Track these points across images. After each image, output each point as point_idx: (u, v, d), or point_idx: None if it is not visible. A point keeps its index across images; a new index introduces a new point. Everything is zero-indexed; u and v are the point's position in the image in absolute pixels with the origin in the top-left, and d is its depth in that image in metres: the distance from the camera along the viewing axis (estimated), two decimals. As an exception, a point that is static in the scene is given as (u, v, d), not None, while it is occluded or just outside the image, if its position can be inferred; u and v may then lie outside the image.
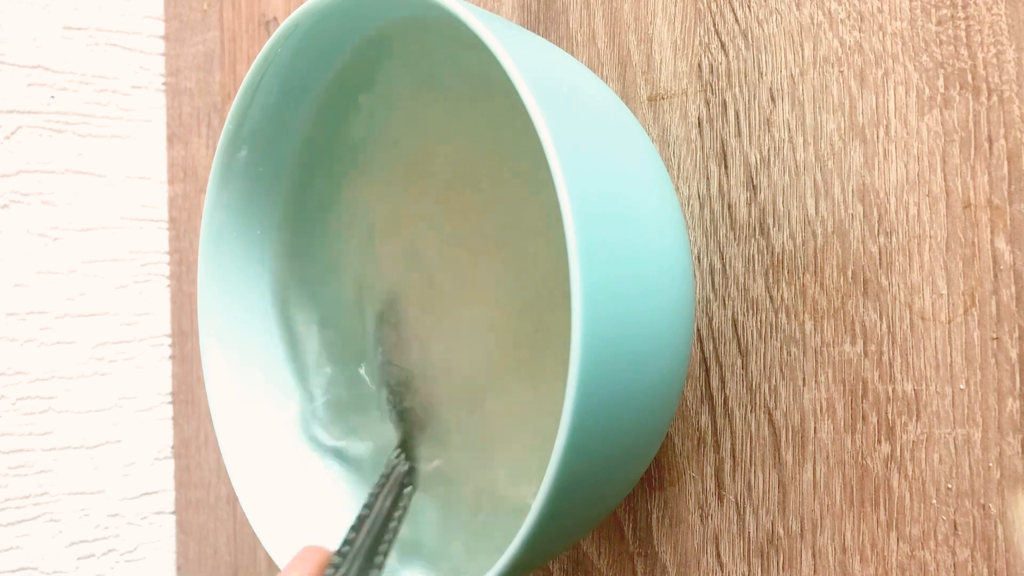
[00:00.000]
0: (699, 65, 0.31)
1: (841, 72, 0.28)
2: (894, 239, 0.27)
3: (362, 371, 0.37)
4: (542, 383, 0.32)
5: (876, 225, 0.27)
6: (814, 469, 0.28)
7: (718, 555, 0.31)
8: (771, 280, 0.29)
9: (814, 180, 0.29)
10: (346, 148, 0.36)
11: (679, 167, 0.32)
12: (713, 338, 0.31)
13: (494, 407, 0.34)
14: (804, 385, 0.29)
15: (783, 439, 0.29)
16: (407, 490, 0.33)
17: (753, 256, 0.30)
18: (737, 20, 0.30)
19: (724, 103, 0.31)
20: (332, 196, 0.36)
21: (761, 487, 0.30)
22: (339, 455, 0.36)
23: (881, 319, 0.27)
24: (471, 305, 0.35)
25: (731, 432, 0.30)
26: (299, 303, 0.37)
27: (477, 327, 0.34)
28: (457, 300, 0.35)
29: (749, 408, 0.30)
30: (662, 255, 0.26)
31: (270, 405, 0.36)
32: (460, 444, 0.34)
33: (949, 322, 0.26)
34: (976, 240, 0.25)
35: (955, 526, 0.26)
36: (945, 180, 0.26)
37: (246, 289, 0.35)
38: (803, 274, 0.29)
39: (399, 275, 0.38)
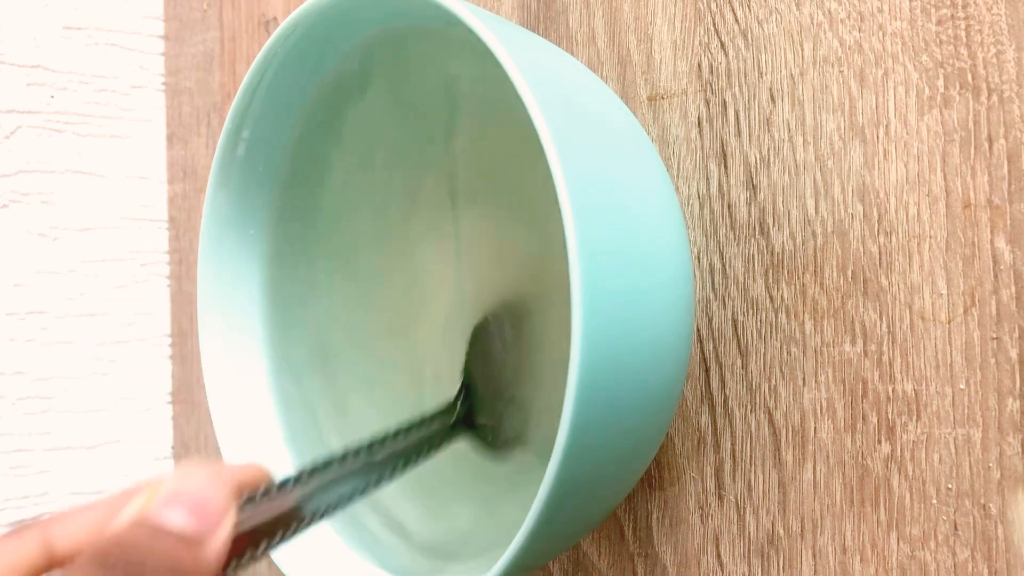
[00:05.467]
0: (699, 65, 0.31)
1: (841, 72, 0.28)
2: (894, 239, 0.27)
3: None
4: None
5: (876, 225, 0.27)
6: (814, 469, 0.28)
7: (718, 555, 0.31)
8: (771, 280, 0.29)
9: (814, 180, 0.29)
10: (346, 148, 0.36)
11: (679, 167, 0.32)
12: (713, 338, 0.31)
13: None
14: (804, 385, 0.29)
15: (783, 439, 0.29)
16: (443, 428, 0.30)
17: (753, 256, 0.30)
18: (737, 20, 0.30)
19: (724, 103, 0.31)
20: (332, 195, 0.36)
21: (761, 487, 0.30)
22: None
23: (881, 319, 0.27)
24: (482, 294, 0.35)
25: (731, 432, 0.30)
26: (298, 303, 0.37)
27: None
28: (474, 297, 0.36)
29: (749, 408, 0.30)
30: (662, 255, 0.26)
31: (270, 406, 0.36)
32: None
33: (949, 322, 0.26)
34: (976, 240, 0.25)
35: (955, 526, 0.26)
36: (945, 180, 0.26)
37: (246, 288, 0.35)
38: (803, 274, 0.29)
39: (403, 275, 0.38)
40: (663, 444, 0.32)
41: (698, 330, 0.31)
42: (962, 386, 0.26)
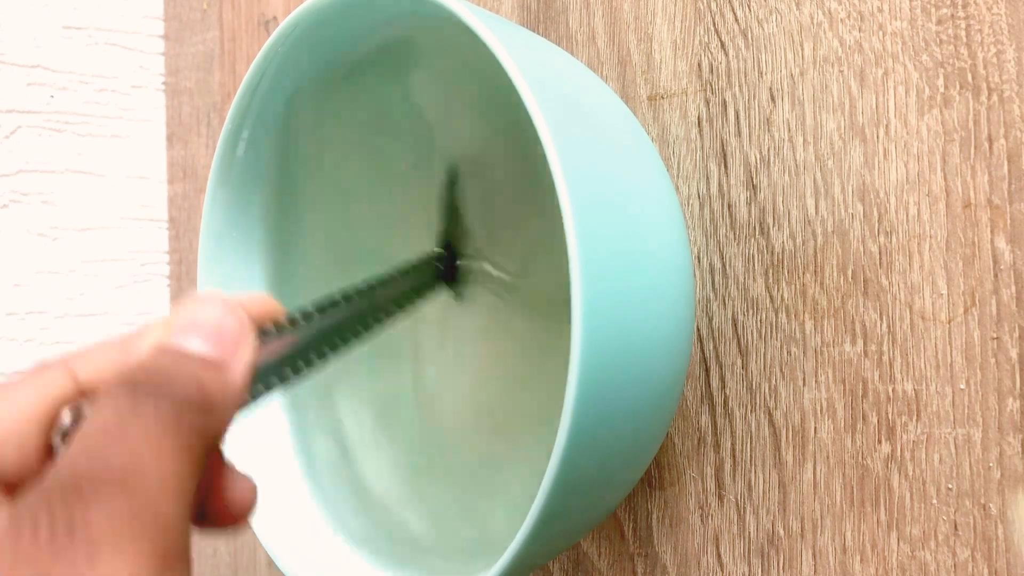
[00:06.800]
0: (699, 65, 0.31)
1: (841, 72, 0.28)
2: (894, 239, 0.27)
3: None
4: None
5: (876, 225, 0.27)
6: (814, 469, 0.28)
7: (718, 555, 0.31)
8: (771, 280, 0.29)
9: (814, 180, 0.29)
10: (345, 148, 0.36)
11: (679, 167, 0.32)
12: (713, 338, 0.31)
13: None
14: (804, 385, 0.29)
15: (783, 439, 0.29)
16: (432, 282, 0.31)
17: (753, 256, 0.30)
18: (737, 20, 0.30)
19: (724, 103, 0.31)
20: (332, 195, 0.36)
21: (761, 487, 0.30)
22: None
23: (881, 319, 0.27)
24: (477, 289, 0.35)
25: (731, 432, 0.30)
26: (298, 302, 0.37)
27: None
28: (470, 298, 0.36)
29: (749, 408, 0.30)
30: (662, 255, 0.26)
31: (271, 404, 0.36)
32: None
33: (949, 322, 0.26)
34: (976, 240, 0.25)
35: (955, 526, 0.26)
36: (945, 180, 0.26)
37: (246, 288, 0.35)
38: (803, 274, 0.29)
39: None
40: (663, 444, 0.32)
41: (698, 330, 0.31)
42: (962, 386, 0.26)
